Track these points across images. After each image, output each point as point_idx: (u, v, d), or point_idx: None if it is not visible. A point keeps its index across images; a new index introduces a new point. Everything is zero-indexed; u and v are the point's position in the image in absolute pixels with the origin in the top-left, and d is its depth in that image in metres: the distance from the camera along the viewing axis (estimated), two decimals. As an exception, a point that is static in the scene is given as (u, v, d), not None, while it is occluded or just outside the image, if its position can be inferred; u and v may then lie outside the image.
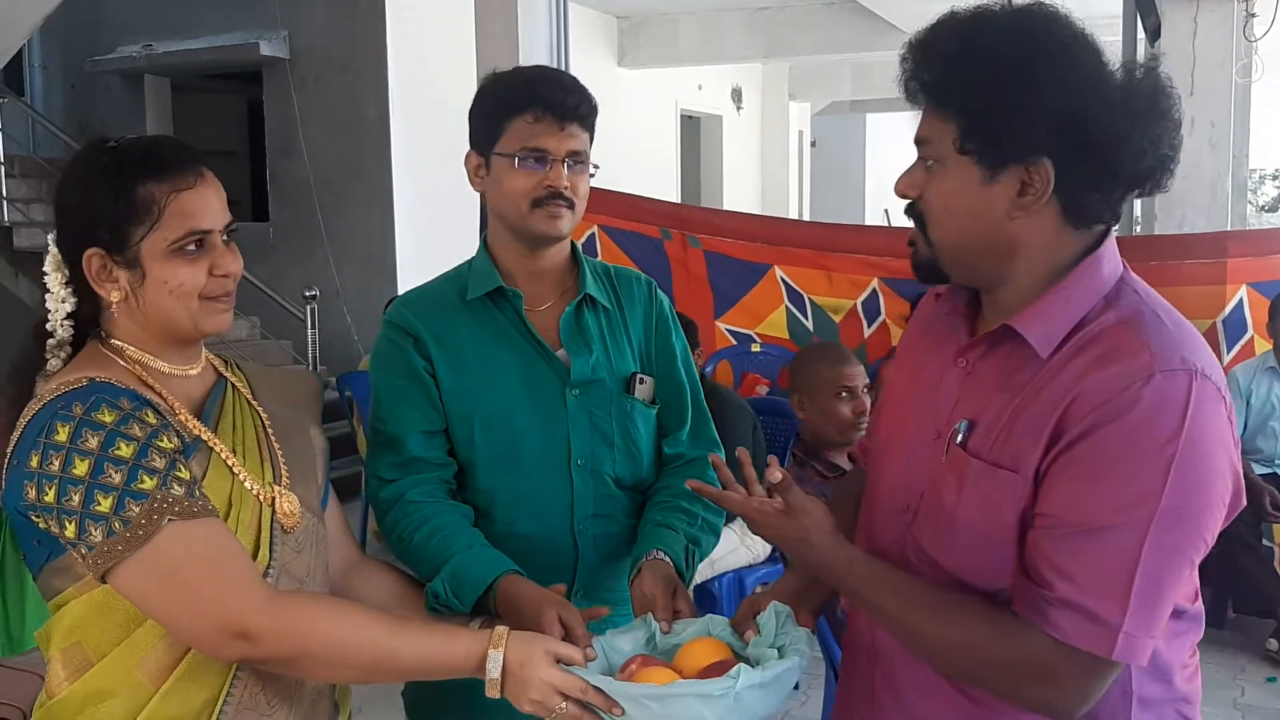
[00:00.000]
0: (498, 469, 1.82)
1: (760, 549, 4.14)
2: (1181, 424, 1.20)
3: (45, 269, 1.48)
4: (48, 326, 1.48)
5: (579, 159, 1.81)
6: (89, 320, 1.49)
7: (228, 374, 1.60)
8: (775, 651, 1.46)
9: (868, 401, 3.17)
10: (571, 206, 1.81)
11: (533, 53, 6.29)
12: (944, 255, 1.37)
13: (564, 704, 1.38)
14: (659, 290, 2.00)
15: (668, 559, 1.73)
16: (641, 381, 1.89)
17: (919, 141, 1.36)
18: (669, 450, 1.94)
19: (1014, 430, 1.30)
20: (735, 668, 1.34)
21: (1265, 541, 4.56)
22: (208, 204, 1.47)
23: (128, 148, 1.47)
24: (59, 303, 1.47)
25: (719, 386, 4.44)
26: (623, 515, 1.88)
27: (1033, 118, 1.25)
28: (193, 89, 10.41)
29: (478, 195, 1.91)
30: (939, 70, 1.32)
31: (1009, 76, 1.25)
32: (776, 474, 1.42)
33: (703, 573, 3.95)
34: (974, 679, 1.35)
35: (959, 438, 1.35)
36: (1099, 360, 1.25)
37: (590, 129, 1.83)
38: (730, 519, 4.05)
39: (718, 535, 1.89)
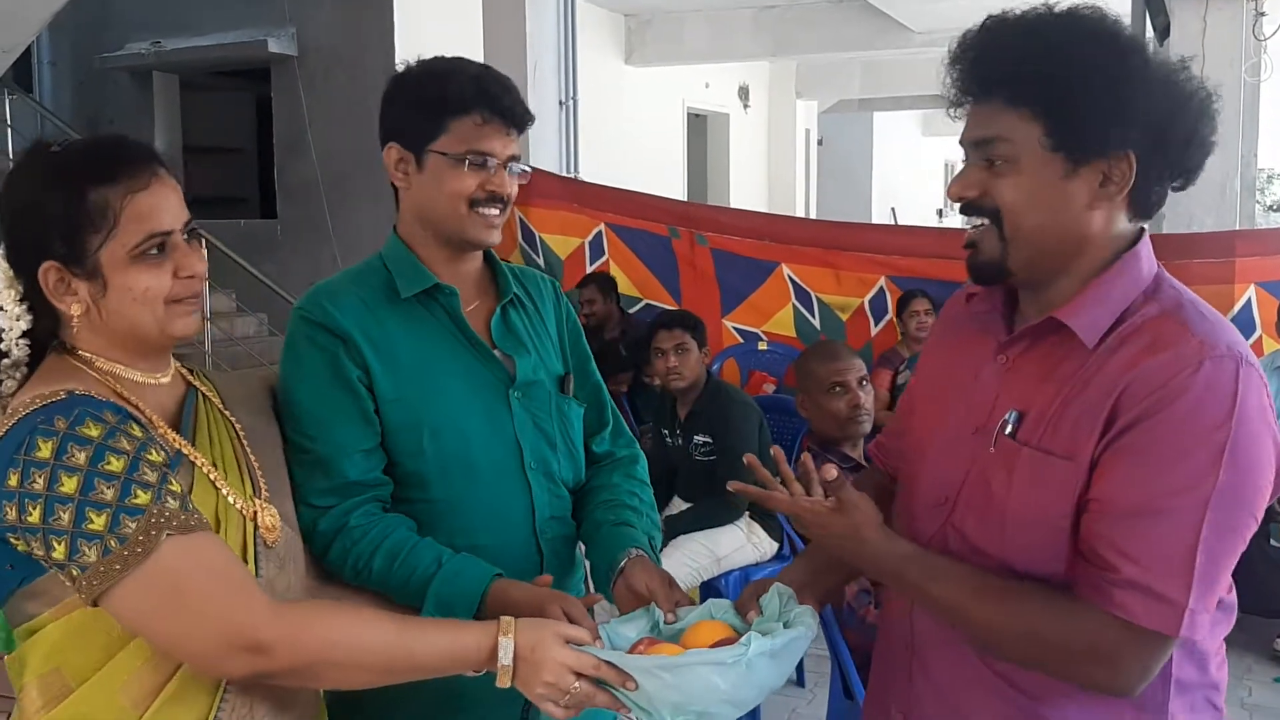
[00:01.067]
0: (452, 479, 1.72)
1: (767, 547, 4.14)
2: (1232, 409, 1.25)
3: None
4: (0, 347, 1.39)
5: (515, 165, 1.75)
6: (46, 335, 1.41)
7: (196, 382, 1.53)
8: (781, 625, 1.47)
9: (863, 394, 3.18)
10: (504, 211, 1.75)
11: (540, 50, 6.30)
12: (1019, 252, 1.38)
13: (577, 683, 1.37)
14: (561, 291, 1.98)
15: (646, 555, 1.72)
16: (571, 380, 1.88)
17: (982, 141, 1.38)
18: (597, 449, 1.93)
19: (1065, 419, 1.34)
20: (746, 635, 1.35)
21: (1273, 541, 4.55)
22: (165, 203, 1.39)
23: (75, 151, 1.38)
24: (13, 321, 1.38)
25: (725, 384, 4.44)
26: (569, 517, 1.86)
27: (1125, 114, 1.30)
28: (201, 86, 10.43)
29: None
30: (1016, 69, 1.34)
31: (1103, 74, 1.30)
32: (832, 471, 1.43)
33: (709, 570, 3.96)
34: (1035, 663, 1.37)
35: (1008, 429, 1.39)
36: (1147, 349, 1.30)
37: (523, 134, 1.78)
38: (736, 517, 4.06)
39: (660, 530, 1.88)
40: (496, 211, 1.73)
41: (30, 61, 9.93)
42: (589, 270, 5.89)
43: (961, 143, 1.42)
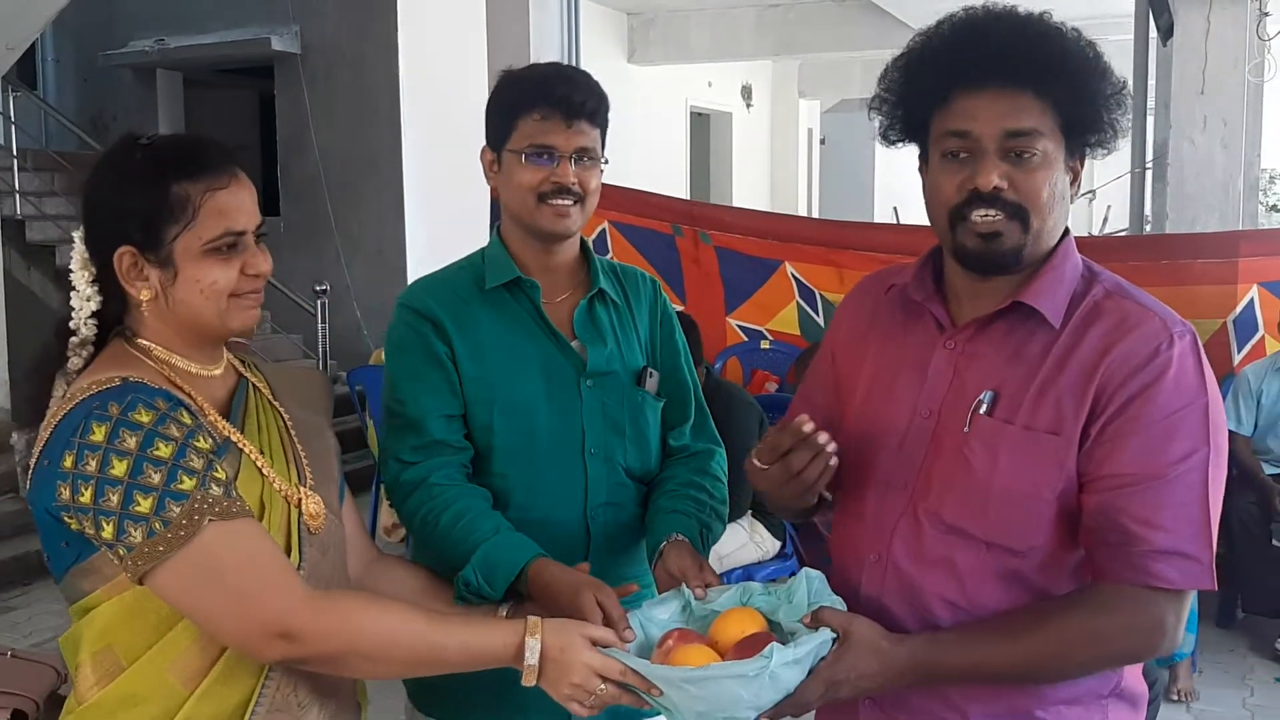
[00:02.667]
0: (514, 456, 1.84)
1: (769, 545, 4.15)
2: (1202, 376, 1.36)
3: (71, 266, 1.46)
4: (71, 324, 1.45)
5: (588, 155, 1.83)
6: (113, 319, 1.48)
7: (247, 374, 1.59)
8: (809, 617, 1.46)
9: None
10: (580, 202, 1.83)
11: (543, 48, 6.30)
12: (1036, 245, 1.41)
13: (603, 686, 1.39)
14: (662, 290, 2.05)
15: (686, 540, 1.76)
16: (651, 375, 1.94)
17: (1019, 133, 1.36)
18: (674, 443, 1.99)
19: (1047, 396, 1.39)
20: (769, 646, 1.35)
21: (1275, 541, 4.55)
22: (242, 204, 1.46)
23: (162, 145, 1.45)
24: (84, 301, 1.45)
25: (724, 382, 4.44)
26: (632, 504, 1.92)
27: (1116, 118, 1.40)
28: (204, 83, 10.44)
29: (488, 190, 1.96)
30: (1048, 62, 1.36)
31: (1109, 78, 1.39)
32: (807, 618, 1.40)
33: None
34: (1094, 667, 1.42)
35: (983, 408, 1.42)
36: (1114, 330, 1.38)
37: (601, 125, 1.85)
38: (738, 515, 4.07)
39: (724, 524, 1.92)
40: (568, 202, 1.82)
41: (34, 59, 9.96)
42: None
43: (970, 130, 1.37)
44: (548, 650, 1.41)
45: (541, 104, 1.79)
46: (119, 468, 1.31)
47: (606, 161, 1.89)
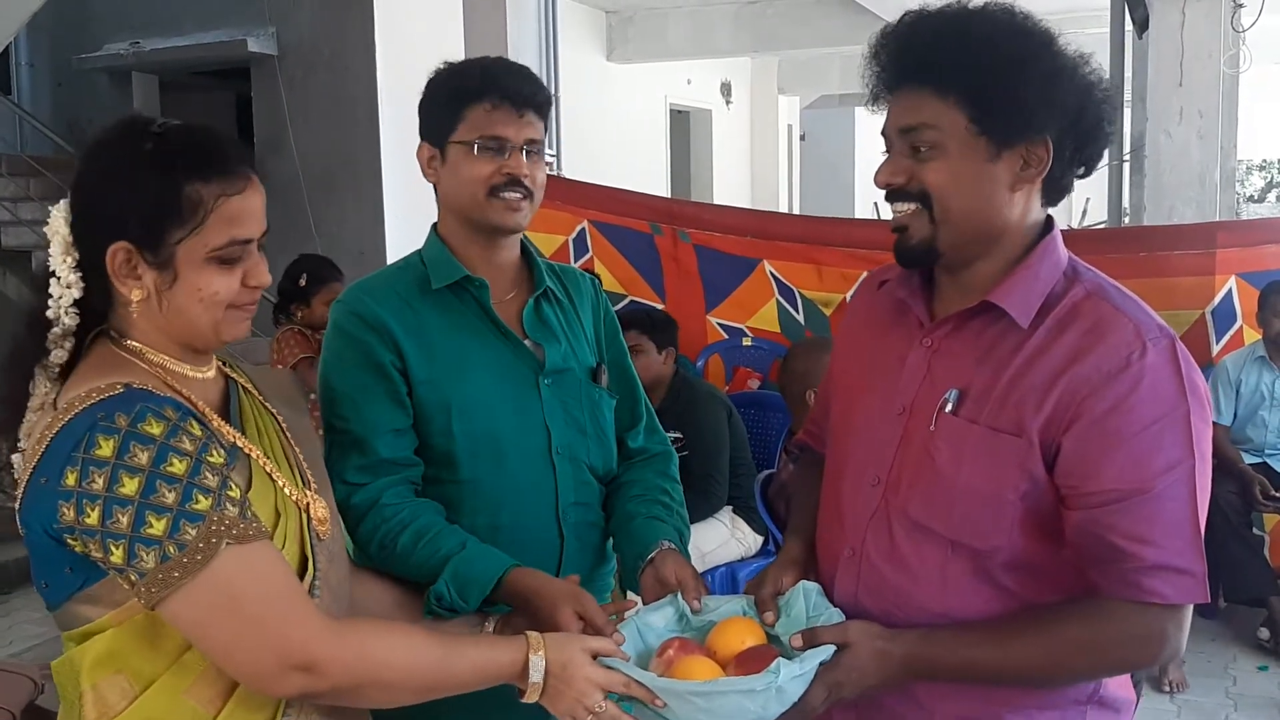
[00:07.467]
0: (479, 459, 1.79)
1: (751, 542, 4.15)
2: (1182, 384, 1.34)
3: (51, 250, 1.33)
4: (49, 314, 1.32)
5: (535, 147, 1.80)
6: (95, 316, 1.35)
7: (233, 374, 1.50)
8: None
9: None
10: (529, 196, 1.80)
11: (521, 48, 6.28)
12: (948, 233, 1.42)
13: (602, 705, 1.37)
14: (601, 288, 2.03)
15: (676, 549, 1.75)
16: (603, 372, 1.92)
17: (909, 129, 1.42)
18: (631, 445, 1.98)
19: (1011, 398, 1.38)
20: (775, 661, 1.35)
21: (1255, 530, 4.58)
22: (253, 211, 1.37)
23: (176, 137, 1.33)
24: (64, 288, 1.31)
25: (691, 379, 4.44)
26: (596, 504, 1.90)
27: (1045, 101, 1.36)
28: (181, 86, 10.36)
29: None
30: (944, 57, 1.38)
31: (1026, 64, 1.37)
32: (798, 639, 1.42)
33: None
34: (1090, 675, 1.43)
35: (949, 407, 1.42)
36: (1087, 334, 1.36)
37: (545, 118, 1.83)
38: (715, 509, 4.06)
39: (689, 528, 1.91)
40: (518, 195, 1.78)
41: (8, 63, 9.86)
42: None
43: (885, 132, 1.46)
44: (551, 666, 1.38)
45: (491, 94, 1.76)
46: (129, 486, 1.20)
47: (554, 155, 1.88)
